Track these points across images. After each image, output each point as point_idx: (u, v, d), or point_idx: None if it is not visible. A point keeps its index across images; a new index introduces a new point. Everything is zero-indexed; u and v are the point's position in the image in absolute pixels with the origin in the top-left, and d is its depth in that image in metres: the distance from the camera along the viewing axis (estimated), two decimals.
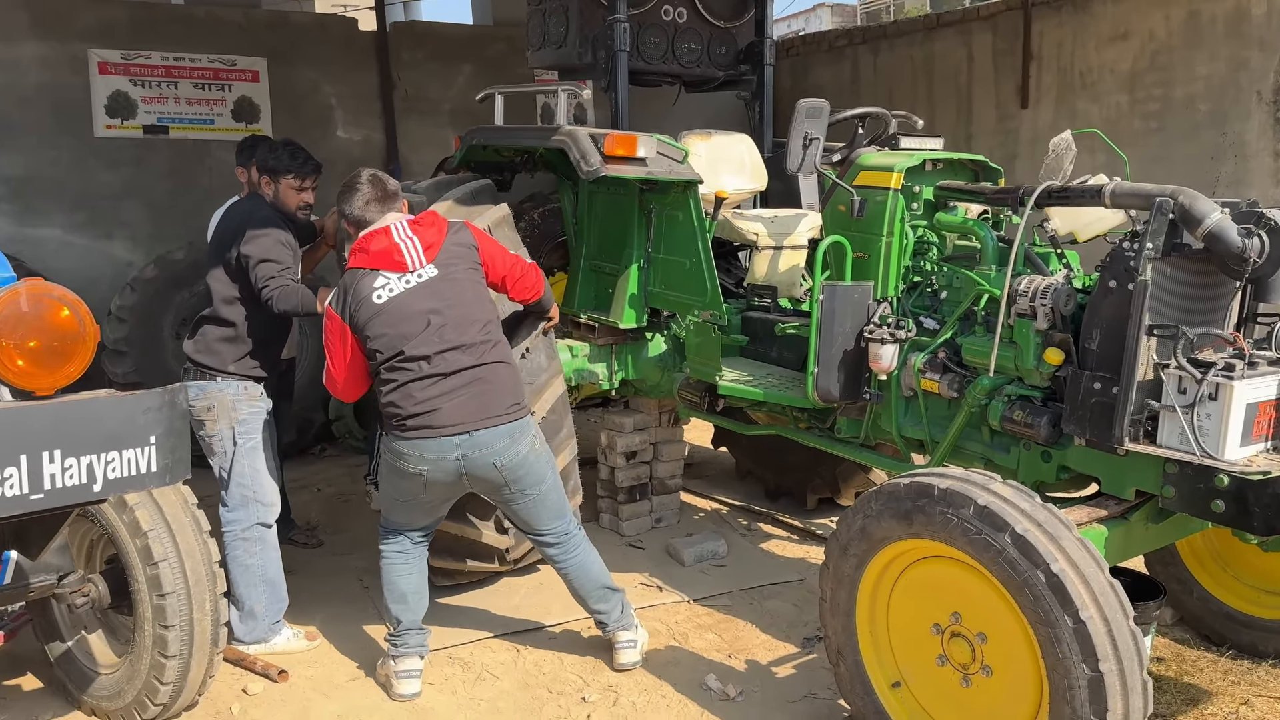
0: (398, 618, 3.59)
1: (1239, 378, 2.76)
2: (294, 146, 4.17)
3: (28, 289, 2.26)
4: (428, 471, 3.33)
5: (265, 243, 3.86)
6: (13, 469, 2.16)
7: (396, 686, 3.55)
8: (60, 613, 3.50)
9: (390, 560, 3.60)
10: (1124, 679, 2.46)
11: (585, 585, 3.64)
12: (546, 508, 3.54)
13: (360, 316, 3.32)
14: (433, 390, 3.28)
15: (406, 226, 3.41)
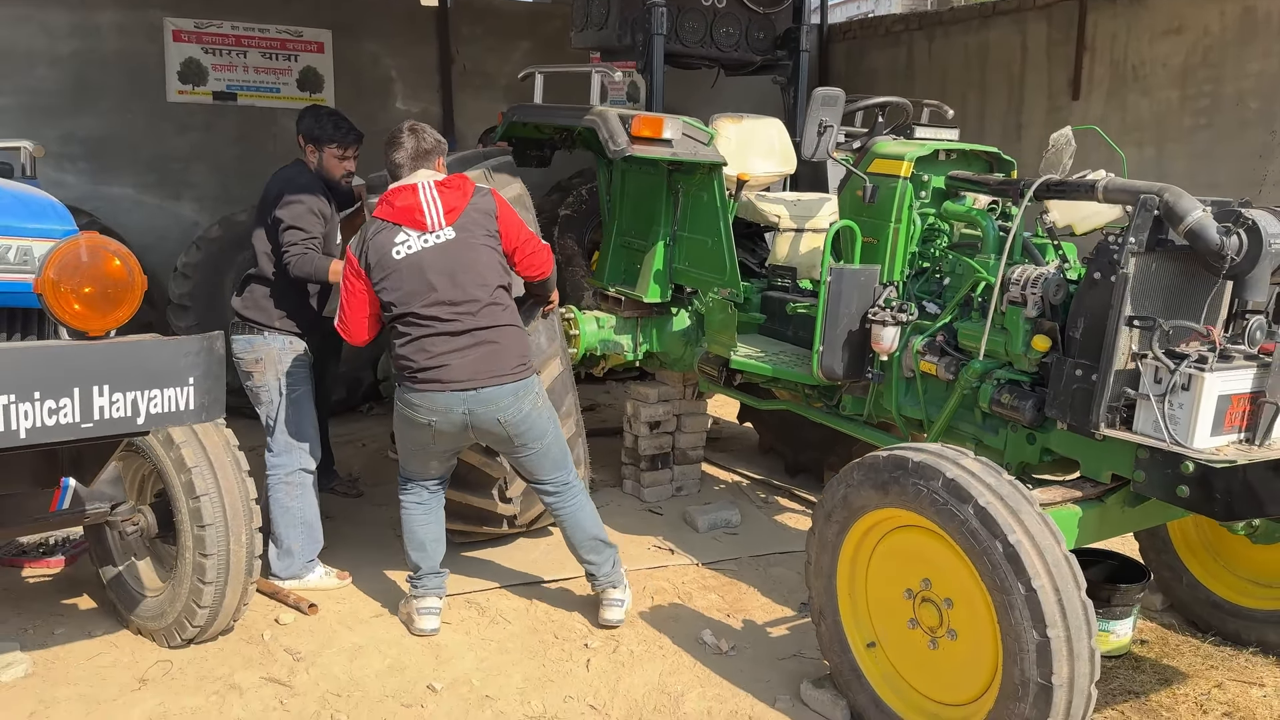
0: (417, 564, 3.84)
1: (1210, 370, 2.88)
2: (337, 116, 4.38)
3: (85, 241, 2.54)
4: (436, 422, 3.54)
5: (297, 209, 4.10)
6: (67, 399, 2.44)
7: (417, 622, 3.81)
8: (113, 540, 3.83)
9: (409, 511, 3.84)
10: (1070, 645, 2.62)
11: (578, 535, 3.84)
12: (548, 460, 3.75)
13: (377, 268, 3.49)
14: (443, 346, 3.47)
15: (433, 187, 3.55)
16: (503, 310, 3.57)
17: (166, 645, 3.66)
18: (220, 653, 3.66)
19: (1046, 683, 2.60)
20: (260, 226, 4.26)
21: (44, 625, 3.84)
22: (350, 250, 3.58)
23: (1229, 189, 6.78)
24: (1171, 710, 3.39)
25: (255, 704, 3.34)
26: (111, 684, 3.44)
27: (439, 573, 3.88)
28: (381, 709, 3.33)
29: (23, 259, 2.76)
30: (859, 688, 3.20)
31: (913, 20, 9.77)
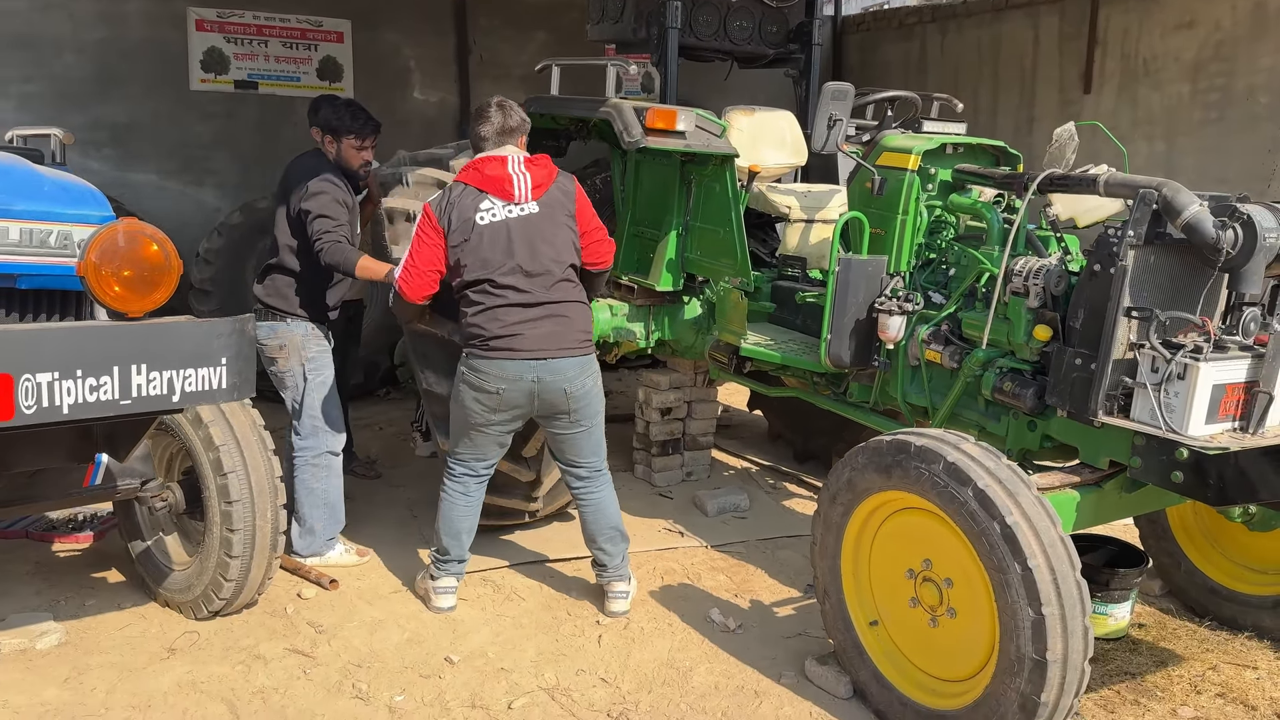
0: (447, 549, 3.90)
1: (1205, 360, 2.97)
2: (355, 107, 4.44)
3: (124, 227, 2.66)
4: (504, 390, 3.60)
5: (323, 200, 4.16)
6: (107, 377, 2.57)
7: (435, 600, 3.93)
8: (142, 515, 3.96)
9: (453, 499, 3.88)
10: (1065, 623, 2.72)
11: (600, 523, 3.91)
12: (591, 442, 3.83)
13: (458, 230, 3.56)
14: (516, 316, 3.55)
15: (522, 162, 3.64)
16: (574, 287, 3.68)
17: (193, 617, 3.79)
18: (245, 625, 3.80)
19: (1041, 658, 2.71)
20: (281, 216, 4.33)
21: (75, 597, 3.98)
22: (429, 207, 3.63)
23: (1238, 183, 6.83)
24: (1167, 690, 3.50)
25: (279, 673, 3.48)
26: (142, 653, 3.58)
27: (463, 559, 3.97)
28: (401, 679, 3.46)
29: (63, 243, 2.89)
30: (861, 664, 3.31)
31: (926, 13, 9.82)
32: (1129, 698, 3.45)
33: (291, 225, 4.29)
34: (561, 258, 3.64)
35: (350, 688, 3.40)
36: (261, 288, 4.36)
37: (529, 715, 3.26)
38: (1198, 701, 3.43)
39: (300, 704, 3.29)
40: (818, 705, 3.34)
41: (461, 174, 3.69)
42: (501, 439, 3.81)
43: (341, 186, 4.29)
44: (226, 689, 3.36)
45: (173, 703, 3.28)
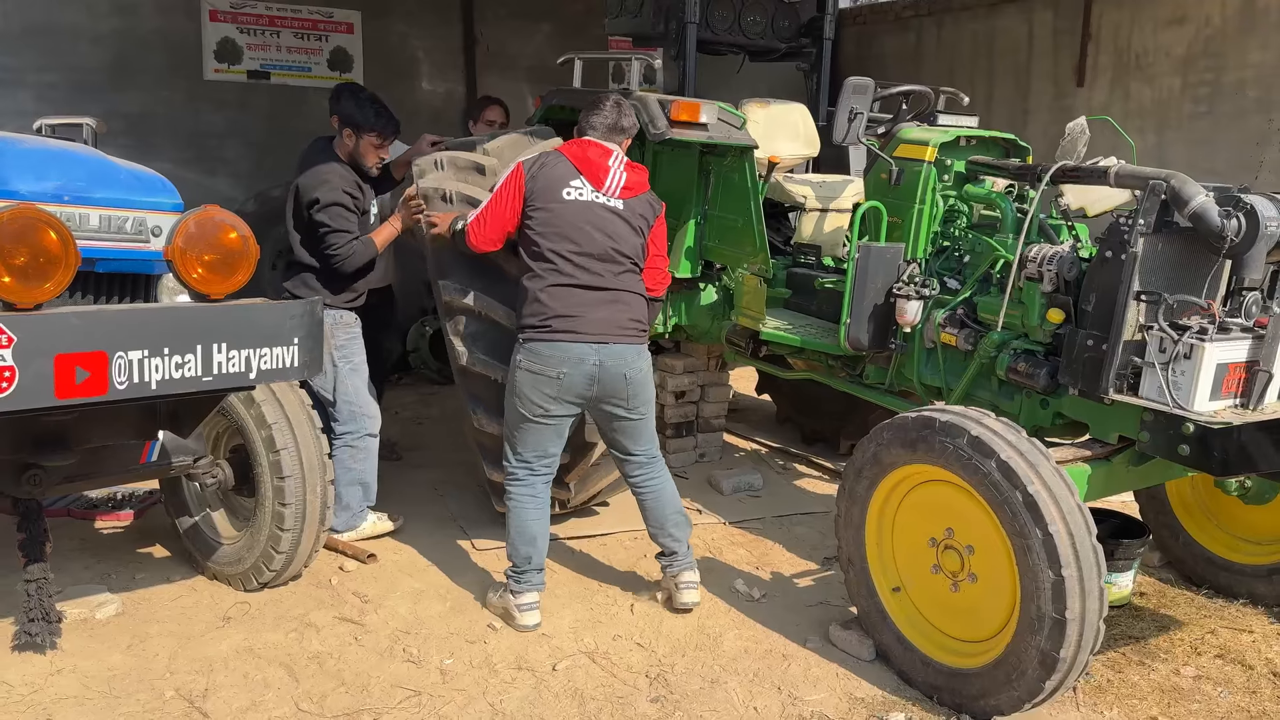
0: (528, 558, 3.75)
1: (1210, 340, 3.19)
2: (379, 104, 4.42)
3: (207, 214, 2.82)
4: (565, 374, 3.58)
5: (333, 211, 4.23)
6: (191, 355, 2.73)
7: (520, 618, 3.73)
8: (190, 492, 4.12)
9: (521, 503, 3.76)
10: (1083, 584, 2.93)
11: (665, 509, 3.87)
12: (647, 429, 3.84)
13: (541, 194, 3.61)
14: (580, 298, 3.59)
15: (624, 162, 3.74)
16: (637, 280, 3.74)
17: (243, 589, 3.96)
18: (293, 595, 3.97)
19: (1061, 617, 2.91)
20: (293, 213, 4.37)
21: (125, 571, 4.14)
22: (522, 165, 3.68)
23: (1227, 175, 7.07)
24: (1169, 652, 3.72)
25: (332, 639, 3.65)
26: (198, 621, 3.74)
27: (542, 569, 3.81)
28: (448, 644, 3.64)
29: (138, 229, 3.05)
30: (885, 628, 3.51)
31: (922, 6, 10.02)
32: (1134, 659, 3.67)
33: (304, 225, 4.35)
34: (629, 253, 3.70)
35: (401, 652, 3.58)
36: (289, 281, 4.45)
37: (573, 675, 3.45)
38: (1198, 662, 3.65)
39: (355, 667, 3.47)
40: (843, 667, 3.54)
41: (564, 146, 3.75)
42: (560, 429, 3.74)
43: (350, 184, 4.33)
44: (283, 654, 3.54)
45: (233, 667, 3.44)
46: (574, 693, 3.35)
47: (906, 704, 3.31)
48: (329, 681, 3.38)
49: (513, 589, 3.77)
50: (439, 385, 7.28)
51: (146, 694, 3.27)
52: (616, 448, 3.90)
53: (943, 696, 3.30)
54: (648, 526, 3.95)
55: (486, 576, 4.19)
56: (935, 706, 3.29)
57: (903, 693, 3.38)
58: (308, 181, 4.30)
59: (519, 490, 3.77)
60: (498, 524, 4.60)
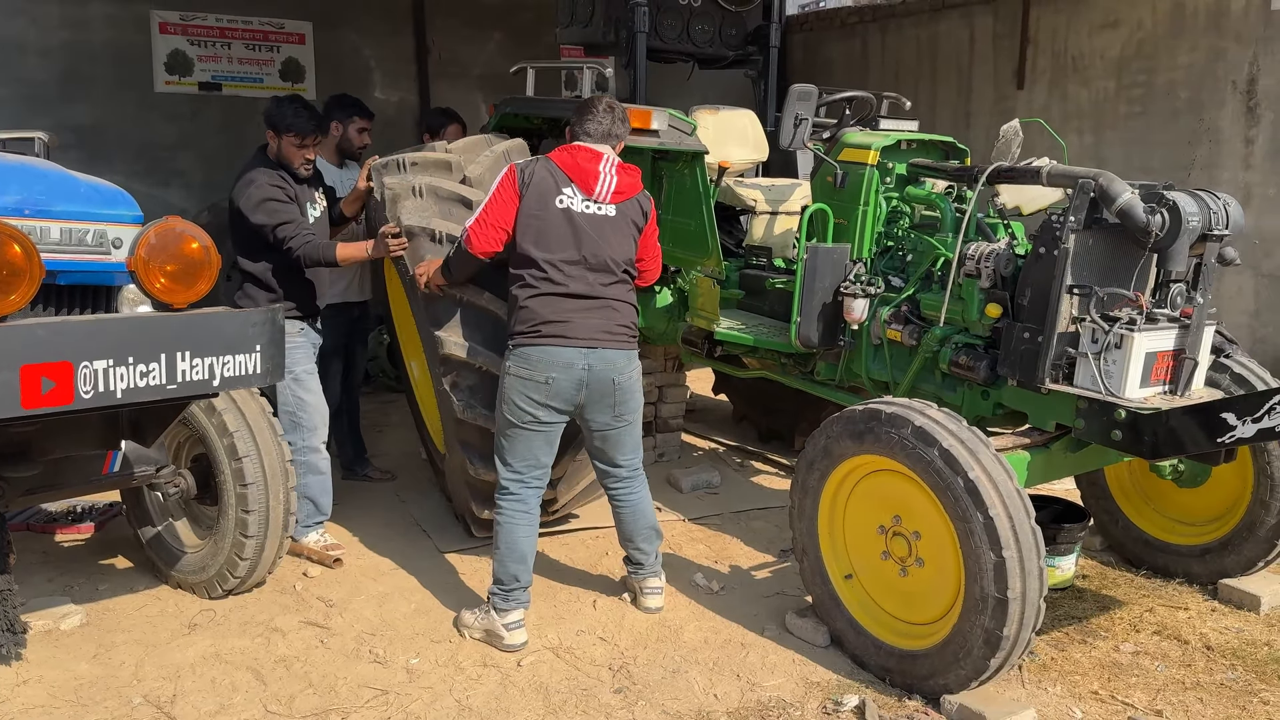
0: (516, 577, 3.66)
1: (1139, 331, 3.36)
2: (299, 105, 4.38)
3: (169, 226, 2.87)
4: (554, 379, 3.55)
5: (270, 206, 4.19)
6: (155, 364, 2.78)
7: (508, 637, 3.64)
8: (152, 501, 4.15)
9: (512, 519, 3.68)
10: (1023, 565, 3.07)
11: (639, 523, 3.89)
12: (632, 439, 3.81)
13: (532, 203, 3.58)
14: (568, 305, 3.57)
15: (615, 165, 3.68)
16: (627, 288, 3.73)
17: (207, 596, 3.99)
18: (258, 602, 4.01)
19: (1003, 597, 3.05)
20: (232, 224, 4.35)
21: (88, 583, 4.15)
22: (515, 169, 3.64)
23: (1162, 173, 7.34)
24: (1109, 630, 3.88)
25: (298, 643, 3.70)
26: (163, 629, 3.77)
27: (529, 585, 3.75)
28: (414, 644, 3.70)
29: (98, 241, 3.09)
30: (838, 614, 3.63)
31: (867, 13, 10.23)
32: (1076, 638, 3.83)
33: (240, 230, 4.33)
34: (619, 259, 3.67)
35: (367, 653, 3.64)
36: (232, 293, 4.43)
37: (538, 670, 3.53)
38: (1137, 638, 3.82)
39: (322, 669, 3.52)
40: (799, 653, 3.66)
41: (555, 152, 3.71)
42: (551, 437, 3.70)
43: (276, 179, 4.29)
44: (250, 659, 3.58)
45: (201, 673, 3.48)
46: (539, 687, 3.43)
47: (860, 686, 3.43)
48: (297, 683, 3.43)
49: (498, 607, 3.68)
50: (398, 393, 7.31)
51: (114, 701, 3.30)
52: (601, 459, 3.86)
53: (894, 678, 3.43)
54: (619, 535, 3.98)
55: (451, 578, 4.26)
56: (887, 688, 3.42)
57: (856, 676, 3.50)
58: (236, 188, 4.32)
59: (510, 505, 3.70)
60: (459, 528, 4.70)
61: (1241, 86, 7.21)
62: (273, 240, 4.23)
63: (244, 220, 4.27)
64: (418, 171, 4.41)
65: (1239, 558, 4.09)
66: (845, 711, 3.30)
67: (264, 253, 4.32)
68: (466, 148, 4.56)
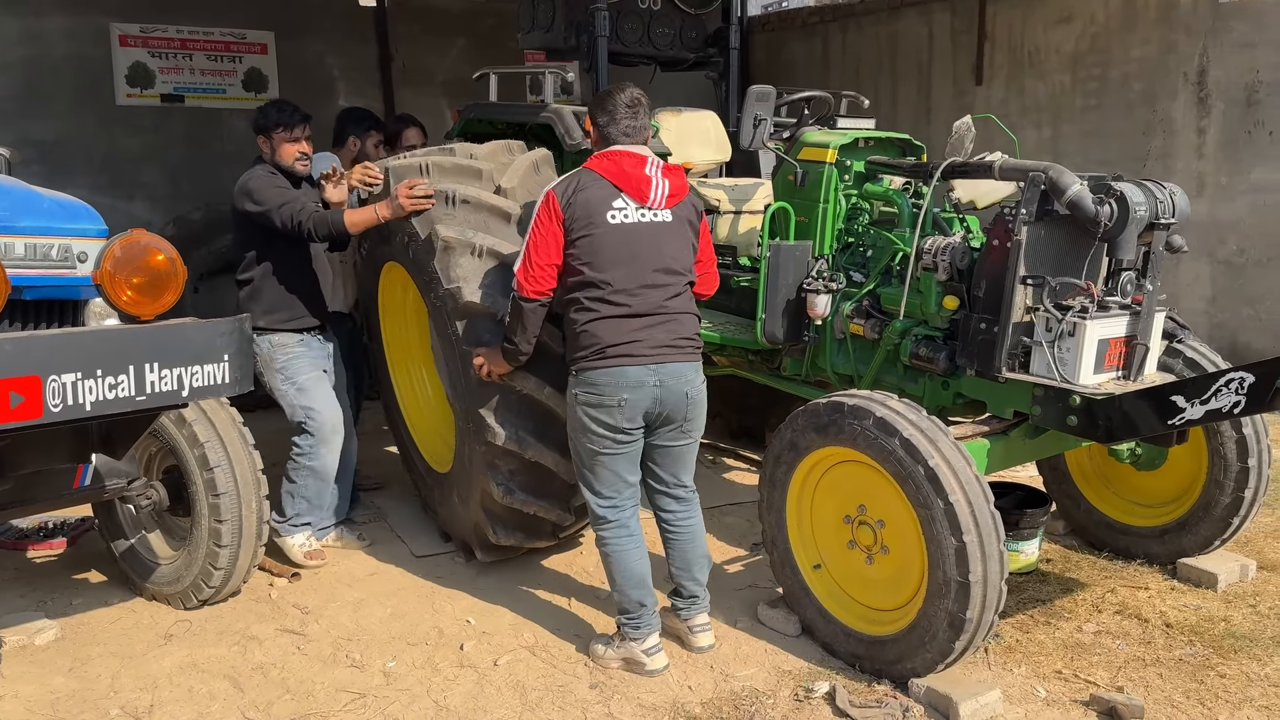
0: (641, 602, 3.49)
1: (1091, 318, 3.45)
2: (280, 102, 4.44)
3: (134, 239, 2.90)
4: (626, 400, 3.35)
5: (269, 192, 4.19)
6: (124, 375, 2.80)
7: (649, 663, 3.48)
8: (124, 514, 4.15)
9: (619, 545, 3.50)
10: (984, 549, 3.14)
11: (694, 551, 3.68)
12: (692, 457, 3.63)
13: (581, 223, 3.32)
14: (633, 325, 3.36)
15: (660, 167, 3.46)
16: (689, 299, 3.54)
17: (183, 607, 4.01)
18: (234, 611, 4.03)
19: (965, 580, 3.13)
20: (234, 232, 4.40)
21: (61, 597, 4.15)
22: (553, 193, 3.37)
23: (1118, 164, 7.50)
24: (1073, 612, 3.98)
25: (275, 650, 3.73)
26: (139, 641, 3.79)
27: (657, 607, 3.58)
28: (391, 648, 3.74)
29: (63, 256, 3.10)
30: (808, 603, 3.70)
31: (827, 12, 10.36)
32: (1040, 620, 3.92)
33: (240, 237, 4.37)
34: (684, 266, 3.48)
35: (344, 658, 3.67)
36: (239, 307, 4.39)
37: (514, 669, 3.57)
38: (1099, 619, 3.92)
39: (299, 675, 3.55)
40: (771, 644, 3.73)
41: (595, 159, 3.46)
42: (634, 455, 3.50)
43: (274, 175, 4.32)
44: (227, 667, 3.60)
45: (178, 682, 3.50)
46: (515, 685, 3.48)
47: (831, 673, 3.50)
48: (274, 690, 3.46)
49: (631, 636, 3.51)
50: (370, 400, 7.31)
51: (91, 714, 3.32)
52: (659, 480, 3.63)
53: (864, 664, 3.50)
54: (673, 566, 3.70)
55: (426, 583, 4.30)
56: (857, 674, 3.49)
57: (827, 663, 3.57)
58: (236, 192, 4.31)
59: (612, 532, 3.51)
60: (434, 533, 4.73)
61: (1193, 78, 7.38)
62: (279, 225, 4.18)
63: (246, 219, 4.26)
64: (444, 176, 4.19)
65: (1196, 537, 4.20)
66: (816, 698, 3.36)
67: (258, 263, 4.33)
68: (491, 155, 4.33)
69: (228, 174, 7.76)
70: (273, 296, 4.41)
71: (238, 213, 4.35)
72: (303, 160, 4.42)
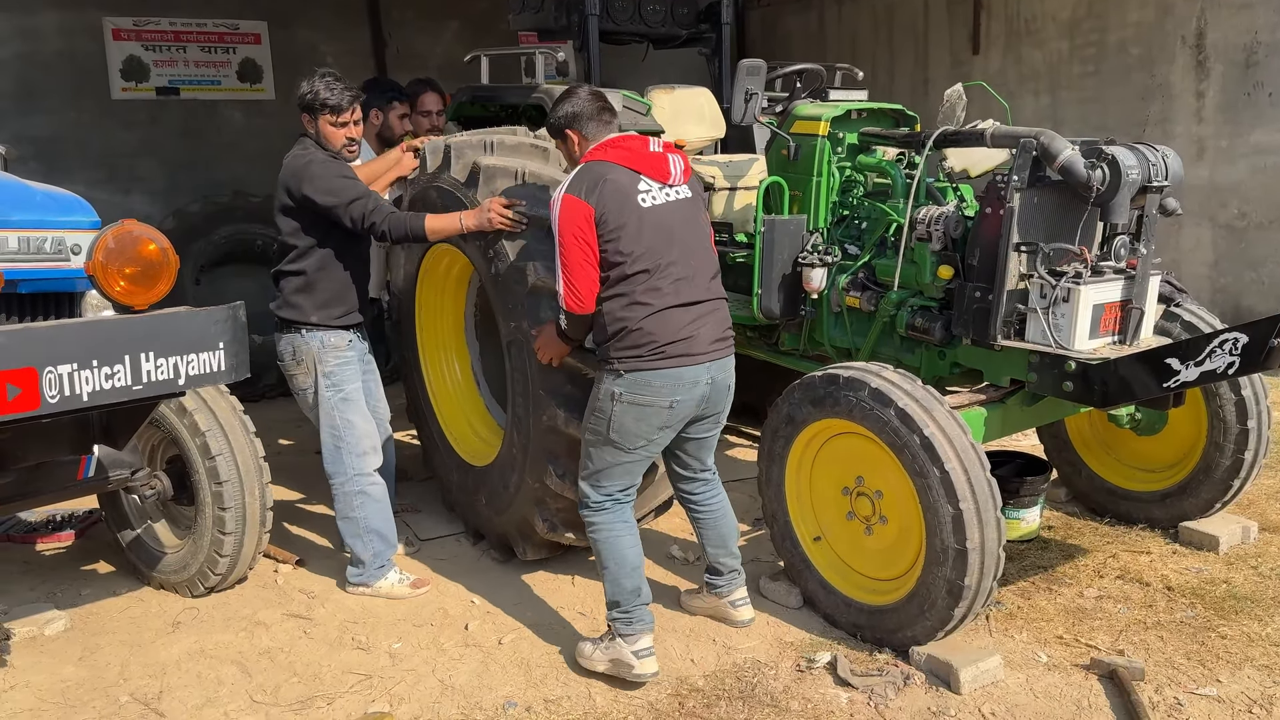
0: (636, 589, 3.32)
1: (1084, 283, 3.45)
2: (329, 78, 3.90)
3: (125, 229, 2.91)
4: (678, 401, 3.21)
5: (337, 183, 3.76)
6: (120, 365, 2.83)
7: (639, 666, 3.27)
8: (130, 505, 4.19)
9: (614, 532, 3.34)
10: (980, 516, 3.15)
11: (725, 528, 3.62)
12: (715, 441, 3.57)
13: (614, 212, 3.10)
14: (687, 317, 3.19)
15: (662, 144, 3.30)
16: (719, 282, 3.39)
17: (190, 595, 4.04)
18: (241, 597, 4.06)
19: (962, 547, 3.14)
20: (280, 219, 3.93)
21: (70, 589, 4.19)
22: (568, 195, 3.13)
23: (1117, 130, 7.46)
24: (1074, 577, 3.99)
25: (281, 635, 3.76)
26: (147, 629, 3.83)
27: (650, 601, 3.41)
28: (396, 630, 3.77)
29: (57, 249, 3.12)
30: (809, 575, 3.72)
31: None
32: (1042, 586, 3.93)
33: (291, 227, 3.92)
34: (711, 245, 3.37)
35: (350, 641, 3.70)
36: (274, 302, 4.00)
37: (519, 647, 3.61)
38: (1101, 584, 3.93)
39: (306, 659, 3.59)
40: (773, 616, 3.75)
41: (598, 151, 3.24)
42: (652, 459, 3.41)
43: (338, 161, 3.90)
44: (235, 652, 3.64)
45: (186, 668, 3.54)
46: (520, 662, 3.51)
47: (832, 644, 3.53)
48: (281, 673, 3.50)
49: (623, 633, 3.31)
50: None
51: (102, 701, 3.36)
52: (684, 465, 3.56)
53: (865, 633, 3.52)
54: (706, 547, 3.65)
55: (430, 565, 4.32)
56: (859, 644, 3.51)
57: (829, 634, 3.60)
58: (287, 174, 3.85)
59: (610, 519, 3.35)
60: (439, 516, 4.76)
61: (1190, 41, 7.32)
62: (348, 222, 3.79)
63: (303, 208, 3.84)
64: (510, 154, 4.02)
65: (1197, 500, 4.21)
66: (818, 668, 3.39)
67: (311, 254, 3.91)
68: None
69: (224, 166, 7.82)
70: (328, 291, 3.96)
71: (292, 198, 3.86)
72: (351, 146, 3.97)
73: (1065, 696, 3.21)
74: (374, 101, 5.15)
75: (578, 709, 3.24)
